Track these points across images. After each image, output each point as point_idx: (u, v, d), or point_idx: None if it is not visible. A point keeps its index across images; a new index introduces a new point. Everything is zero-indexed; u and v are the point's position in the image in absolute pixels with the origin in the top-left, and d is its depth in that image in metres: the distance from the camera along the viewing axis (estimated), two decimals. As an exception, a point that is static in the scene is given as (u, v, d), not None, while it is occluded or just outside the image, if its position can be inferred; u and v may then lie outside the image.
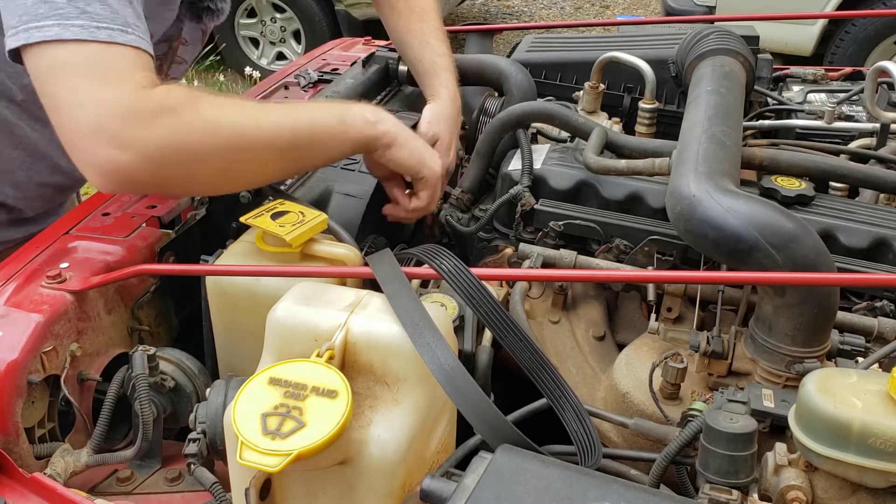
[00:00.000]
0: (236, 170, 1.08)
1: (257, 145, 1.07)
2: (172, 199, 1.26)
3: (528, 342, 0.95)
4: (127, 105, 0.98)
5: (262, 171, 1.12)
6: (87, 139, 0.98)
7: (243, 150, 1.05)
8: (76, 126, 0.98)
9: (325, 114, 1.15)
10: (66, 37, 0.97)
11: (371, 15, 4.93)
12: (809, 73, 1.90)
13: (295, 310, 0.89)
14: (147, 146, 0.98)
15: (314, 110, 1.15)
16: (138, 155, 0.98)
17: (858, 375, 0.83)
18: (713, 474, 0.81)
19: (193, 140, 1.01)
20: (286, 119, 1.10)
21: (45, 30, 0.98)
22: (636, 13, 7.05)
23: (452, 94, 1.48)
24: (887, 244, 1.19)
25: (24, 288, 1.06)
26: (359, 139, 1.17)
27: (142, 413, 1.01)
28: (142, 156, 0.98)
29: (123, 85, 0.99)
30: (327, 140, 1.14)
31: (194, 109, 1.02)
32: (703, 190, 1.03)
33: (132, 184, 1.04)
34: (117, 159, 0.98)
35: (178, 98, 1.01)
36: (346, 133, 1.15)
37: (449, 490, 0.73)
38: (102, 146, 0.97)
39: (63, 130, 1.00)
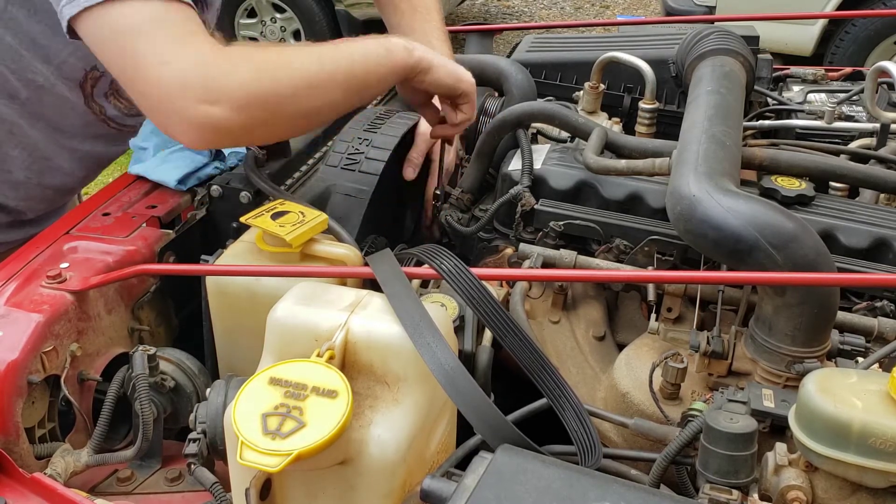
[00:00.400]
0: (309, 107, 1.11)
1: (324, 81, 1.10)
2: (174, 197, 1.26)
3: (528, 342, 0.95)
4: (209, 59, 1.01)
5: (331, 105, 1.15)
6: (177, 97, 1.00)
7: (314, 88, 1.09)
8: (165, 84, 1.00)
9: (373, 46, 1.19)
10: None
11: (371, 15, 4.93)
12: (809, 73, 1.90)
13: (295, 310, 0.89)
14: (235, 96, 1.01)
15: (363, 44, 1.19)
16: (228, 105, 1.01)
17: (858, 375, 0.83)
18: (713, 474, 0.81)
19: (273, 84, 1.05)
20: (343, 55, 1.14)
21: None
22: (636, 13, 7.05)
23: None
24: (887, 244, 1.19)
25: (25, 288, 1.06)
26: (402, 66, 1.21)
27: (142, 413, 1.01)
28: (231, 105, 1.01)
29: (200, 40, 1.02)
30: (378, 69, 1.18)
31: (265, 55, 1.07)
32: (703, 190, 1.03)
33: (225, 134, 1.06)
34: (209, 113, 1.00)
35: (248, 48, 1.07)
36: (393, 61, 1.19)
37: (449, 490, 0.73)
38: (195, 102, 0.99)
39: (148, 92, 1.02)
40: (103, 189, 1.31)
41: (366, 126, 1.43)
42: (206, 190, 1.30)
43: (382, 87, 1.24)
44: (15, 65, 1.27)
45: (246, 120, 1.03)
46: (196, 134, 1.03)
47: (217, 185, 1.28)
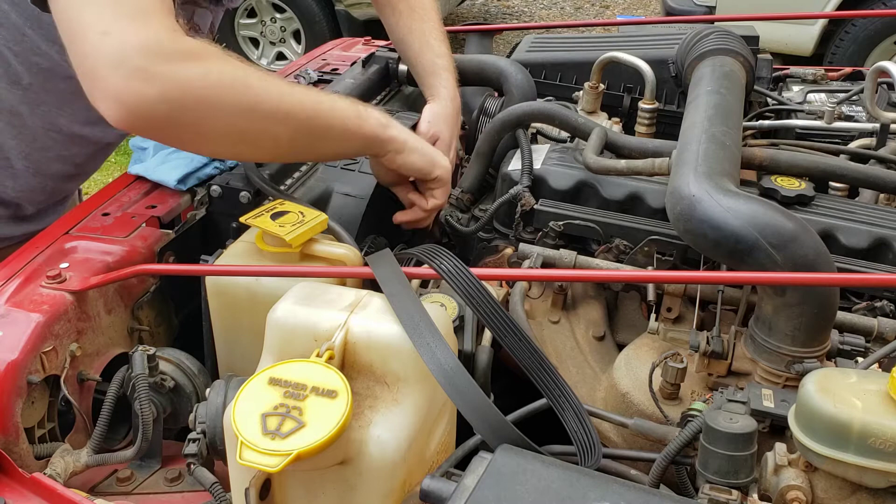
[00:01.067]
0: (250, 136, 1.07)
1: (278, 115, 1.07)
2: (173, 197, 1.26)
3: (528, 342, 0.95)
4: (156, 41, 0.97)
5: (273, 146, 1.11)
6: (110, 68, 0.96)
7: (263, 117, 1.06)
8: (100, 54, 0.97)
9: (344, 105, 1.17)
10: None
11: (371, 15, 4.93)
12: (809, 73, 1.90)
13: (295, 310, 0.89)
14: (171, 84, 0.97)
15: (335, 99, 1.17)
16: (161, 90, 0.97)
17: (858, 375, 0.83)
18: (713, 474, 0.81)
19: (218, 92, 1.01)
20: (309, 98, 1.11)
21: None
22: (636, 13, 7.05)
23: (452, 94, 1.48)
24: (887, 244, 1.19)
25: (24, 288, 1.06)
26: (371, 138, 1.18)
27: (142, 413, 1.01)
28: (164, 91, 0.97)
29: (153, 22, 0.98)
30: (342, 130, 1.15)
31: (225, 63, 1.02)
32: (703, 190, 1.03)
33: (147, 119, 1.00)
34: (139, 91, 0.96)
35: (209, 49, 1.02)
36: (361, 128, 1.17)
37: (449, 490, 0.73)
38: (125, 76, 0.96)
39: (84, 58, 0.99)
40: (103, 189, 1.31)
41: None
42: (206, 190, 1.30)
43: (340, 151, 1.22)
44: (18, 47, 1.27)
45: (173, 113, 0.99)
46: (117, 108, 0.98)
47: (217, 185, 1.28)
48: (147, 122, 1.01)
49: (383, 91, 1.69)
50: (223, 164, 1.33)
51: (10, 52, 1.28)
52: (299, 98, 1.10)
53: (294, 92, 1.10)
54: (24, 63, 1.29)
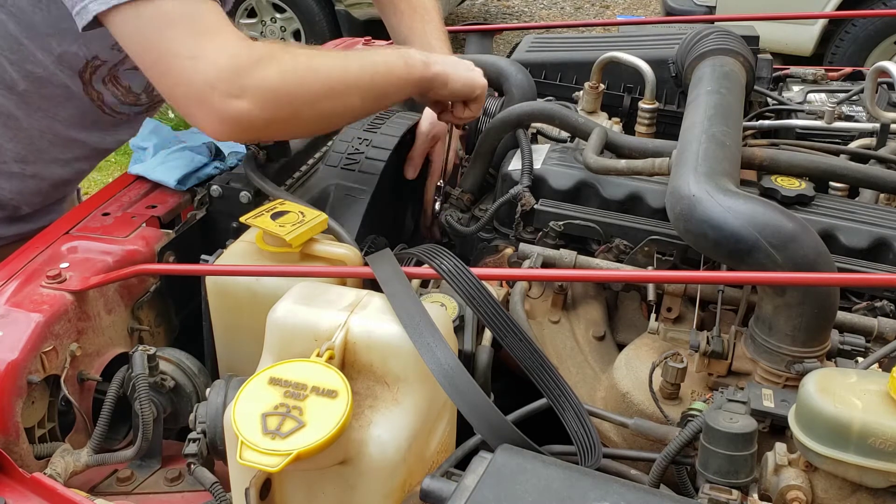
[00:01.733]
0: (330, 109, 1.15)
1: (347, 86, 1.15)
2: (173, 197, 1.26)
3: (528, 342, 0.95)
4: (237, 55, 1.04)
5: (351, 110, 1.20)
6: (206, 91, 1.02)
7: (335, 94, 1.14)
8: (194, 78, 1.02)
9: (393, 58, 1.23)
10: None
11: (371, 15, 4.93)
12: (809, 73, 1.90)
13: (295, 310, 0.89)
14: (262, 92, 1.05)
15: (384, 55, 1.23)
16: (254, 100, 1.04)
17: (858, 375, 0.83)
18: (713, 474, 0.81)
19: (299, 83, 1.09)
20: (366, 62, 1.18)
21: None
22: (636, 13, 7.05)
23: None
24: (887, 244, 1.19)
25: (24, 288, 1.06)
26: (420, 79, 1.25)
27: (142, 413, 1.01)
28: (258, 101, 1.04)
29: (228, 37, 1.05)
30: (397, 81, 1.22)
31: (293, 57, 1.09)
32: (703, 190, 1.03)
33: (250, 129, 1.09)
34: (237, 107, 1.03)
35: (276, 48, 1.09)
36: (412, 75, 1.24)
37: (449, 490, 0.73)
38: (222, 96, 1.02)
39: (177, 85, 1.04)
40: (103, 189, 1.31)
41: (366, 126, 1.43)
42: (206, 190, 1.30)
43: (399, 98, 1.28)
44: (14, 55, 1.27)
45: (270, 116, 1.06)
46: (222, 127, 1.06)
47: (217, 185, 1.28)
48: (251, 132, 1.11)
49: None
50: (223, 163, 1.34)
51: (5, 60, 1.28)
52: (358, 65, 1.17)
53: (350, 62, 1.17)
54: (20, 71, 1.29)
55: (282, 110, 1.08)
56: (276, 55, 1.07)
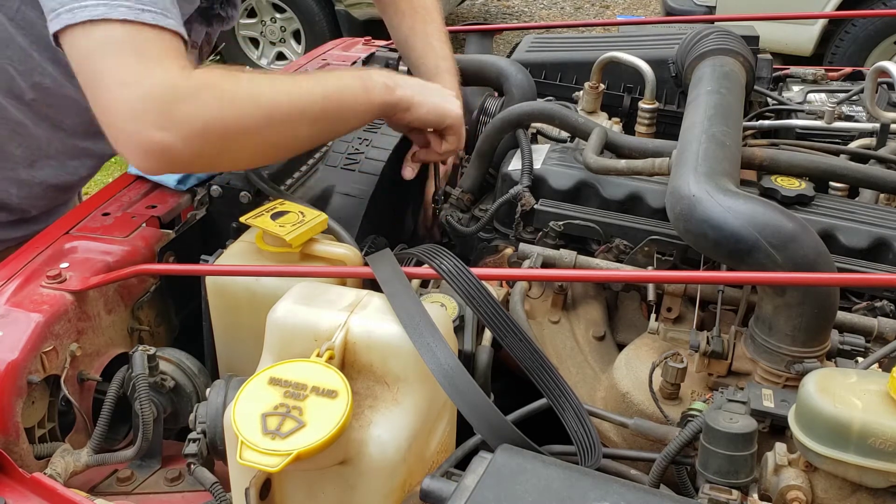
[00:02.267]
0: (273, 141, 1.10)
1: (293, 115, 1.10)
2: (174, 197, 1.27)
3: (528, 342, 0.95)
4: (171, 85, 0.99)
5: (296, 140, 1.15)
6: (131, 120, 0.99)
7: (280, 121, 1.08)
8: (121, 106, 0.99)
9: (350, 82, 1.18)
10: (112, 16, 0.99)
11: (371, 15, 4.93)
12: (809, 73, 1.90)
13: (295, 310, 0.89)
14: (191, 124, 1.00)
15: (339, 79, 1.18)
16: (182, 134, 0.99)
17: (858, 375, 0.83)
18: (713, 474, 0.81)
19: (235, 115, 1.03)
20: (316, 88, 1.13)
21: (91, 9, 0.99)
22: (636, 13, 7.05)
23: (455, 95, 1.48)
24: (887, 244, 1.19)
25: (25, 288, 1.06)
26: (380, 105, 1.21)
27: (142, 413, 1.01)
28: (186, 134, 0.99)
29: (168, 65, 1.01)
30: (354, 106, 1.18)
31: (234, 85, 1.05)
32: (703, 190, 1.03)
33: (175, 163, 1.04)
34: (162, 140, 0.98)
35: (218, 75, 1.04)
36: (370, 100, 1.19)
37: (449, 490, 0.73)
38: (147, 127, 0.98)
39: (105, 111, 1.01)
40: (103, 189, 1.31)
41: (366, 126, 1.43)
42: (206, 190, 1.30)
43: (358, 123, 1.23)
44: (23, 66, 1.28)
45: (199, 149, 1.02)
46: (145, 159, 1.01)
47: (217, 185, 1.28)
48: (176, 165, 1.06)
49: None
50: (223, 164, 1.33)
51: (14, 71, 1.29)
52: (307, 90, 1.12)
53: (300, 86, 1.12)
54: (28, 81, 1.30)
55: (211, 144, 1.02)
56: (215, 85, 1.03)
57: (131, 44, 1.00)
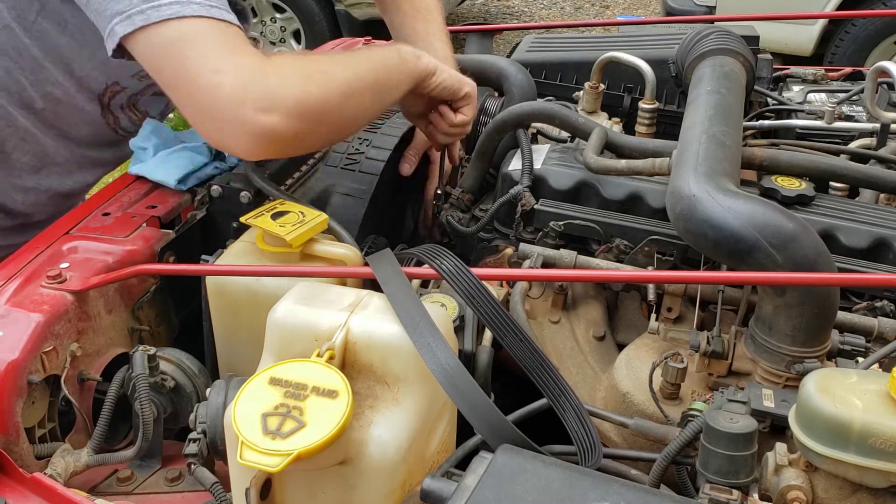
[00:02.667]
0: (350, 113, 1.14)
1: (360, 88, 1.14)
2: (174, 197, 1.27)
3: (528, 342, 0.95)
4: (262, 69, 1.03)
5: (364, 112, 1.19)
6: (234, 106, 1.01)
7: (351, 95, 1.13)
8: (219, 93, 1.01)
9: (389, 53, 1.23)
10: (186, 14, 1.01)
11: (371, 15, 4.93)
12: (809, 73, 1.90)
13: (295, 310, 0.89)
14: (289, 104, 1.03)
15: (380, 52, 1.23)
16: (284, 113, 1.02)
17: (858, 375, 0.83)
18: (713, 474, 0.81)
19: (319, 92, 1.07)
20: (365, 63, 1.17)
21: (164, 9, 1.01)
22: (636, 13, 7.05)
23: None
24: (887, 244, 1.19)
25: (25, 288, 1.06)
26: (415, 71, 1.24)
27: (142, 413, 1.01)
28: (287, 113, 1.03)
29: (251, 52, 1.04)
30: (398, 75, 1.22)
31: (310, 65, 1.11)
32: (703, 190, 1.03)
33: (282, 143, 1.07)
34: (266, 121, 1.01)
35: (292, 59, 1.12)
36: (408, 67, 1.23)
37: (449, 490, 0.73)
38: (250, 111, 1.01)
39: (202, 101, 1.03)
40: (103, 189, 1.31)
41: (366, 126, 1.43)
42: (206, 190, 1.30)
43: (401, 93, 1.26)
44: (34, 76, 1.29)
45: (299, 128, 1.05)
46: (253, 143, 1.04)
47: (217, 185, 1.28)
48: (281, 147, 1.09)
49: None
50: (223, 163, 1.33)
51: (26, 80, 1.30)
52: (361, 65, 1.16)
53: (357, 62, 1.17)
54: (39, 91, 1.31)
55: (309, 120, 1.07)
56: (296, 66, 1.08)
57: (212, 36, 1.03)
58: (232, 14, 1.07)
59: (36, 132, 1.36)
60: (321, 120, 1.09)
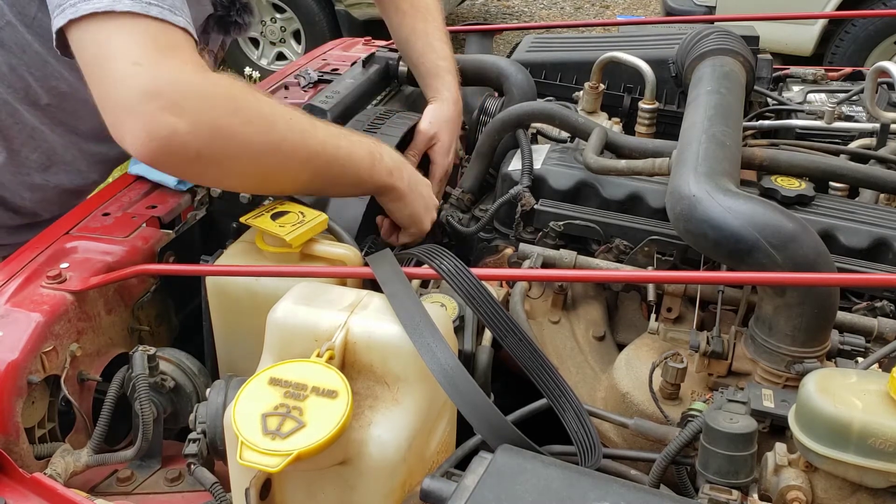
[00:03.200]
0: (272, 174, 1.07)
1: (300, 157, 1.07)
2: (174, 197, 1.27)
3: (528, 342, 0.95)
4: (188, 75, 0.96)
5: (292, 183, 1.11)
6: (142, 99, 0.94)
7: (287, 157, 1.05)
8: (131, 83, 0.94)
9: (361, 151, 1.16)
10: (117, 8, 0.96)
11: (371, 15, 4.93)
12: (809, 73, 1.90)
13: (295, 310, 0.89)
14: (204, 120, 0.96)
15: (353, 143, 1.15)
16: (194, 125, 0.95)
17: (858, 375, 0.83)
18: (713, 474, 0.81)
19: (248, 130, 1.00)
20: (330, 141, 1.10)
21: (96, 3, 0.96)
22: (636, 13, 7.05)
23: (454, 96, 1.48)
24: (887, 244, 1.19)
25: (25, 288, 1.06)
26: (377, 185, 1.20)
27: (142, 413, 1.01)
28: (196, 127, 0.95)
29: (184, 58, 0.97)
30: (355, 178, 1.16)
31: (254, 102, 1.02)
32: (703, 190, 1.03)
33: (176, 154, 0.98)
34: (172, 125, 0.94)
35: (239, 87, 1.01)
36: (372, 178, 1.18)
37: (449, 490, 0.73)
38: (158, 109, 0.93)
39: (111, 91, 0.96)
40: (103, 189, 1.31)
41: (366, 126, 1.43)
42: (206, 190, 1.30)
43: (350, 192, 1.22)
44: (39, 72, 1.28)
45: (204, 148, 0.97)
46: (148, 143, 0.95)
47: (217, 185, 1.28)
48: (175, 158, 0.99)
49: (383, 91, 1.69)
50: (223, 164, 1.33)
51: (31, 77, 1.29)
52: (321, 140, 1.09)
53: (317, 132, 1.09)
54: (44, 87, 1.30)
55: (215, 148, 0.98)
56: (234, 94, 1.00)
57: (142, 32, 0.97)
58: (179, 13, 1.00)
59: (44, 129, 1.35)
60: (233, 155, 1.00)
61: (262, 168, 1.05)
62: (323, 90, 1.63)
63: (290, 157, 1.06)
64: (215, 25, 1.42)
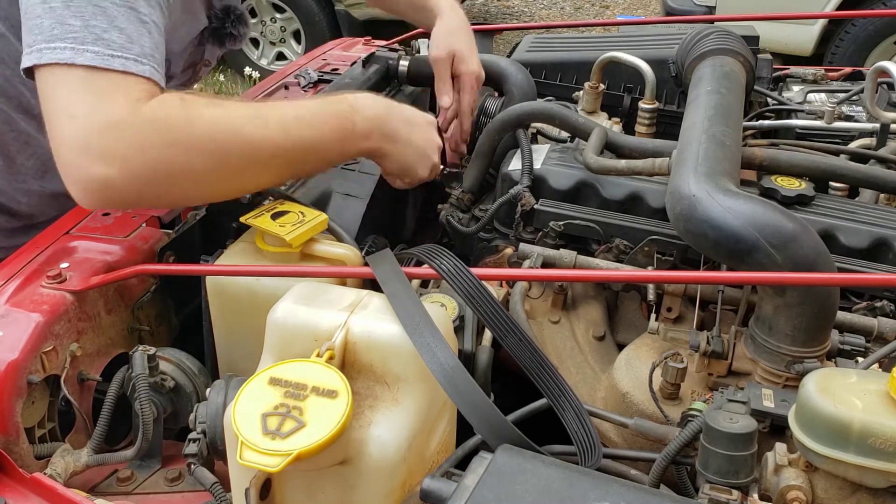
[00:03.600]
0: (231, 183, 1.06)
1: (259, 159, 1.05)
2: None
3: (528, 342, 0.95)
4: (117, 120, 0.95)
5: (255, 185, 1.10)
6: (75, 153, 0.95)
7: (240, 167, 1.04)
8: (67, 137, 0.96)
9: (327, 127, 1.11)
10: (77, 62, 0.96)
11: (371, 15, 4.93)
12: (809, 73, 1.90)
13: (295, 310, 0.89)
14: (135, 163, 0.95)
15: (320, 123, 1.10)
16: (123, 169, 0.95)
17: (858, 375, 0.83)
18: (713, 474, 0.81)
19: (188, 158, 0.98)
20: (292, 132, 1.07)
21: (58, 52, 0.96)
22: (636, 13, 7.05)
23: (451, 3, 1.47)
24: (887, 244, 1.19)
25: (25, 288, 1.06)
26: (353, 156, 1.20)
27: (142, 413, 1.01)
28: (127, 170, 0.95)
29: (117, 100, 0.96)
30: (324, 157, 1.14)
31: (187, 124, 0.99)
32: (703, 190, 1.03)
33: (119, 200, 1.01)
34: (103, 174, 0.94)
35: (170, 111, 0.98)
36: (344, 151, 1.15)
37: (449, 490, 0.73)
38: (89, 160, 0.94)
39: (54, 145, 0.98)
40: (103, 189, 1.31)
41: None
42: (206, 190, 1.29)
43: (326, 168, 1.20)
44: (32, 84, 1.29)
45: (141, 187, 0.97)
46: (86, 193, 0.97)
47: (217, 185, 1.28)
48: (118, 203, 1.01)
49: (384, 91, 1.69)
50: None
51: (24, 87, 1.30)
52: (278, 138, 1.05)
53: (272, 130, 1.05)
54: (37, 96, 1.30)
55: (155, 183, 0.97)
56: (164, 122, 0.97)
57: (87, 82, 0.96)
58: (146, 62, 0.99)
59: (39, 136, 1.36)
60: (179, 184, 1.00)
61: (217, 185, 1.05)
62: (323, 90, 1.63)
63: (246, 165, 1.04)
64: (210, 38, 1.42)
